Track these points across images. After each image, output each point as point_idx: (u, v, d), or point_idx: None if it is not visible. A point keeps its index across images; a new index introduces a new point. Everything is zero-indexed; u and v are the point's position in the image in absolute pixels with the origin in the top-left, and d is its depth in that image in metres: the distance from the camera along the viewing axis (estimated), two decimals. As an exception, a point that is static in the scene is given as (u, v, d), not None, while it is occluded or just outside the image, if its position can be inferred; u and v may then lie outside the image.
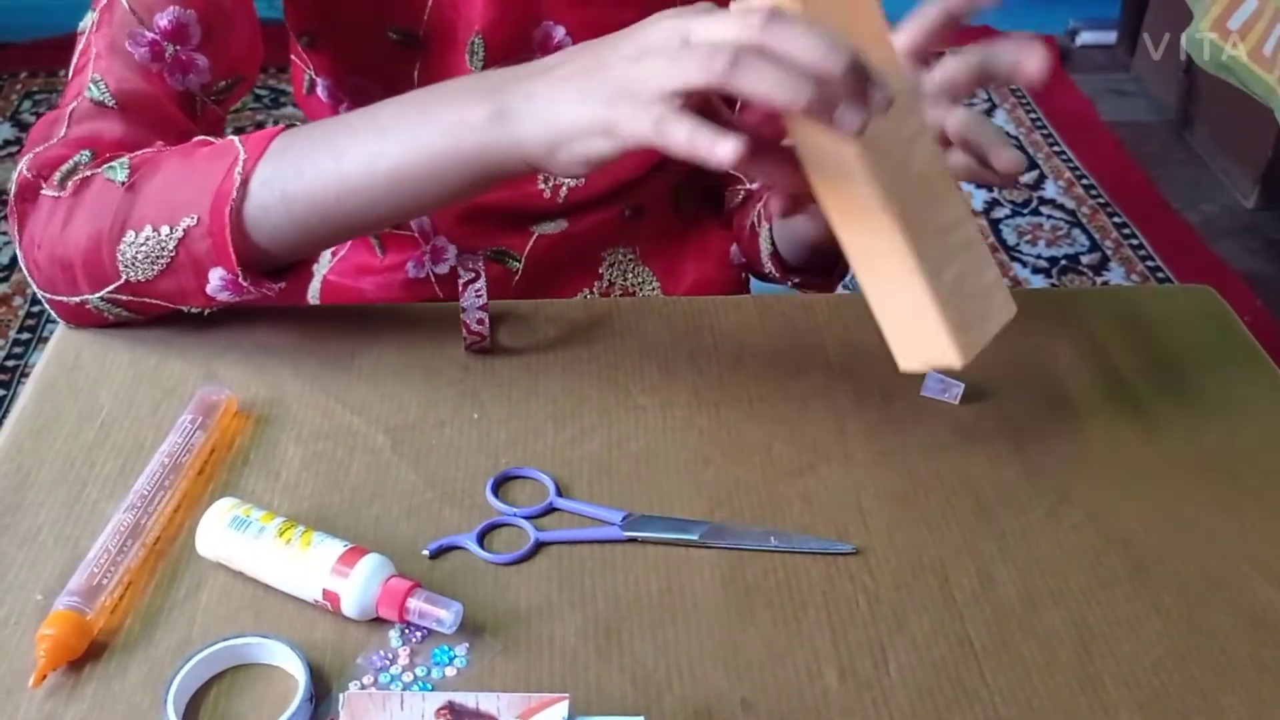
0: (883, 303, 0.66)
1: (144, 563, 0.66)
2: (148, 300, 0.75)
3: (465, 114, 0.63)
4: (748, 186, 0.99)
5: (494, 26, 0.84)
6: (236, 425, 0.75)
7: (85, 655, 0.61)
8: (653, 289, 1.00)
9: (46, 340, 0.82)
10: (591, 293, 0.98)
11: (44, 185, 0.73)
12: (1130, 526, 0.70)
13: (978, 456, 0.75)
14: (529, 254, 0.95)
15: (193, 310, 0.77)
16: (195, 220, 0.69)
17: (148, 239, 0.71)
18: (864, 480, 0.73)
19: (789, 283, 0.95)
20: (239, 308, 0.77)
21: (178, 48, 0.76)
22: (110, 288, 0.74)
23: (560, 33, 0.86)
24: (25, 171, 0.74)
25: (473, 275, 0.78)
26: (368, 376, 0.79)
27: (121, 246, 0.71)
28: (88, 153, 0.73)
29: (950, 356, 0.65)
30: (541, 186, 0.91)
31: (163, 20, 0.75)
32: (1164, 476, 0.74)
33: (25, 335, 1.99)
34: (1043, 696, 0.61)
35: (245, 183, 0.68)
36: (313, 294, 1.03)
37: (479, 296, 0.79)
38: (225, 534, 0.65)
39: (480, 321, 0.80)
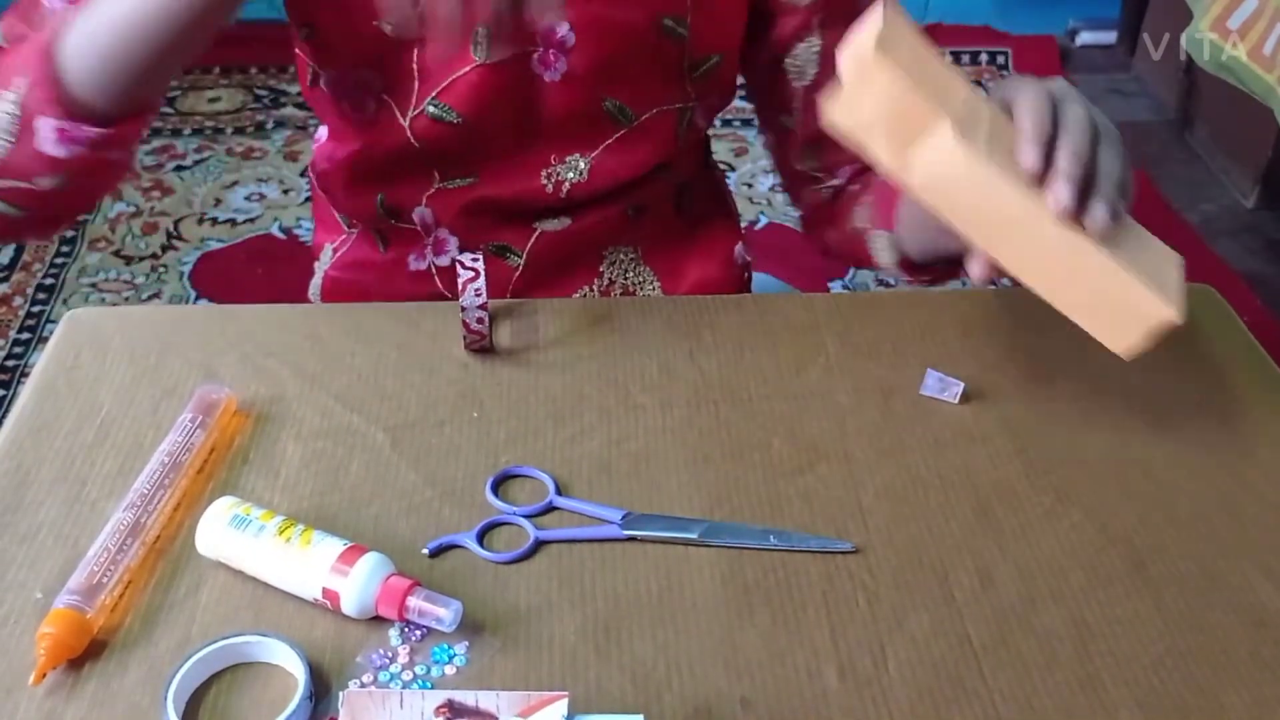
0: (1074, 299, 0.65)
1: (144, 561, 0.66)
2: (9, 183, 0.76)
3: None
4: (832, 184, 0.97)
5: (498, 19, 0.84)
6: (236, 424, 0.75)
7: (85, 654, 0.61)
8: (653, 288, 1.00)
9: (46, 340, 0.82)
10: (592, 291, 0.98)
11: None
12: (1130, 525, 0.70)
13: (977, 455, 0.75)
14: (530, 250, 0.95)
15: (40, 185, 0.76)
16: (26, 78, 0.73)
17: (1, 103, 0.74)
18: (863, 479, 0.73)
19: (919, 282, 0.94)
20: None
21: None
22: None
23: (564, 28, 0.86)
24: None
25: (472, 274, 0.78)
26: (367, 375, 0.79)
27: None
28: None
29: (1167, 313, 0.64)
30: (544, 182, 0.91)
31: None
32: (1163, 475, 0.74)
33: (25, 335, 1.99)
34: (1042, 695, 0.61)
35: (57, 33, 0.73)
36: (314, 290, 1.03)
37: (479, 295, 0.79)
38: (225, 533, 0.65)
39: (480, 320, 0.80)
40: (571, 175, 0.91)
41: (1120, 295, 0.64)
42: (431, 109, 0.86)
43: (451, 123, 0.87)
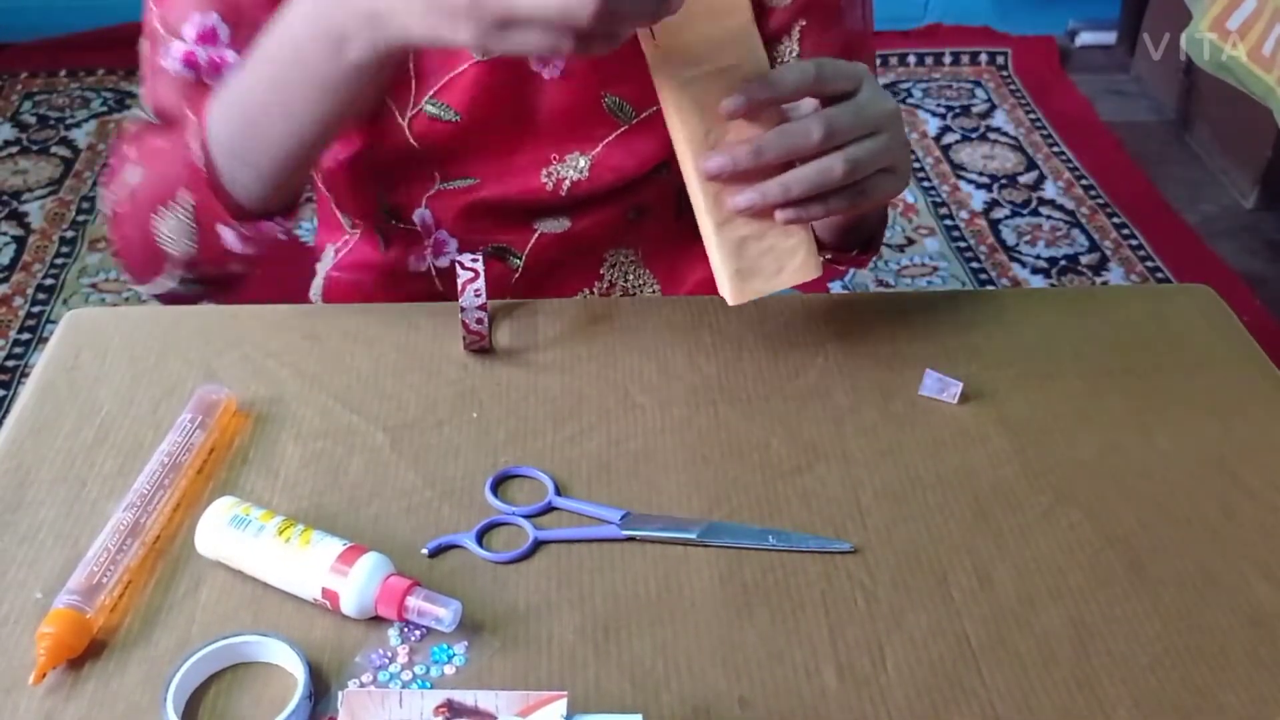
0: (706, 239, 0.77)
1: (143, 561, 0.66)
2: (203, 271, 0.83)
3: (348, 54, 0.69)
4: None
5: None
6: (236, 424, 0.75)
7: (85, 653, 0.61)
8: (654, 291, 1.00)
9: (46, 340, 0.82)
10: (592, 293, 0.98)
11: (108, 193, 0.84)
12: (1128, 525, 0.71)
13: (976, 456, 0.75)
14: (530, 252, 0.95)
15: (234, 269, 0.84)
16: (189, 192, 0.78)
17: (173, 214, 0.79)
18: (862, 479, 0.73)
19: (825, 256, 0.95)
20: (246, 297, 0.84)
21: (209, 50, 0.80)
22: (166, 274, 0.83)
23: None
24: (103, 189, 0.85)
25: (471, 275, 0.78)
26: (367, 375, 0.79)
27: (156, 225, 0.80)
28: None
29: (726, 294, 0.76)
30: (544, 180, 0.91)
31: (189, 30, 0.80)
32: (1162, 476, 0.74)
33: (25, 335, 1.99)
34: (1040, 695, 0.61)
35: (204, 149, 0.77)
36: (315, 291, 1.04)
37: (478, 296, 0.79)
38: (224, 533, 0.65)
39: (479, 321, 0.80)
40: (572, 174, 0.91)
41: (714, 260, 0.76)
42: (430, 108, 0.86)
43: (450, 121, 0.87)
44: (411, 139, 0.88)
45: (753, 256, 0.76)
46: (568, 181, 0.91)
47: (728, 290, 0.76)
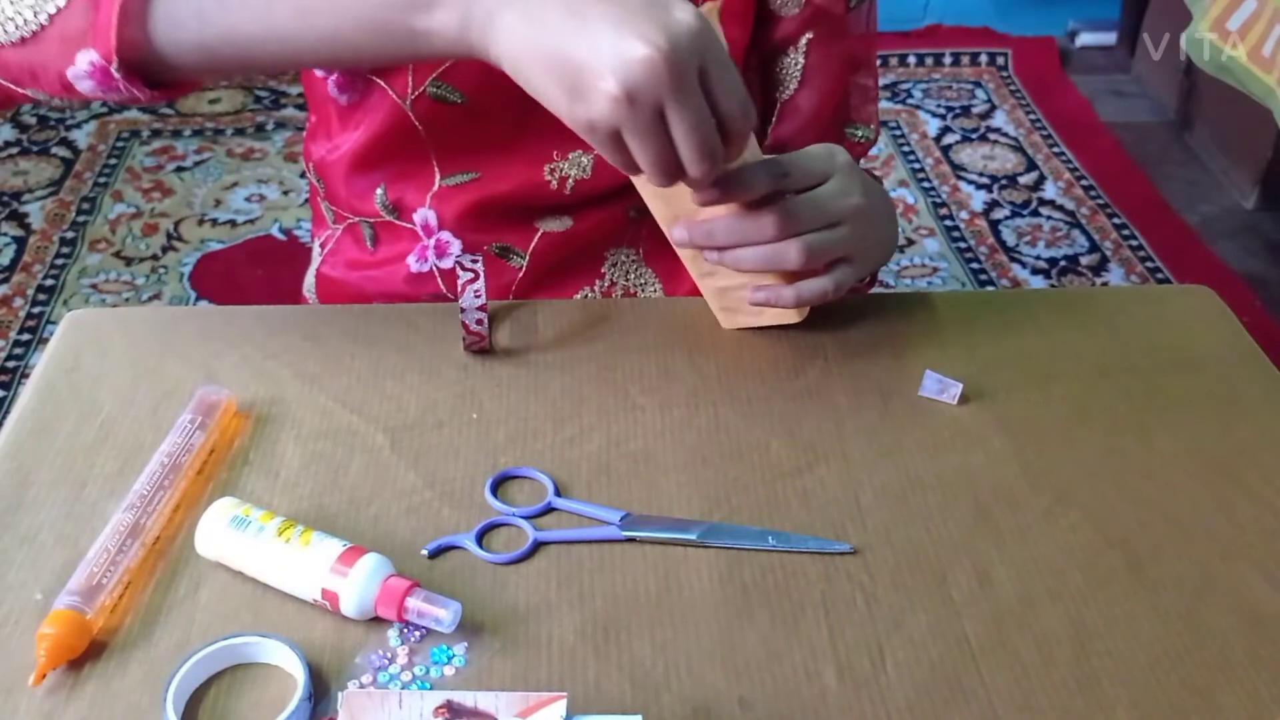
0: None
1: (143, 562, 0.66)
2: None
3: (419, 21, 0.63)
4: None
5: None
6: (236, 425, 0.75)
7: (85, 654, 0.61)
8: (655, 290, 1.00)
9: (47, 341, 0.82)
10: (593, 292, 0.98)
11: None
12: (1128, 526, 0.71)
13: (976, 456, 0.75)
14: (533, 251, 0.95)
15: (33, 95, 0.69)
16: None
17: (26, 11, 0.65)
18: (862, 480, 0.73)
19: None
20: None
21: None
22: None
23: None
24: None
25: (472, 275, 0.78)
26: (367, 377, 0.79)
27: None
28: None
29: (721, 319, 0.85)
30: (548, 177, 0.91)
31: None
32: (1161, 476, 0.74)
33: (25, 336, 1.99)
34: (1040, 695, 0.61)
35: None
36: (308, 287, 1.03)
37: (478, 297, 0.79)
38: (224, 533, 0.65)
39: (479, 322, 0.80)
40: (575, 171, 0.91)
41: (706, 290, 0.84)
42: (433, 89, 0.86)
43: (455, 104, 0.86)
44: (415, 122, 0.88)
45: (734, 300, 0.83)
46: (571, 180, 0.91)
47: (719, 319, 0.85)
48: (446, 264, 0.95)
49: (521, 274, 0.95)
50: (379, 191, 0.93)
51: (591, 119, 0.61)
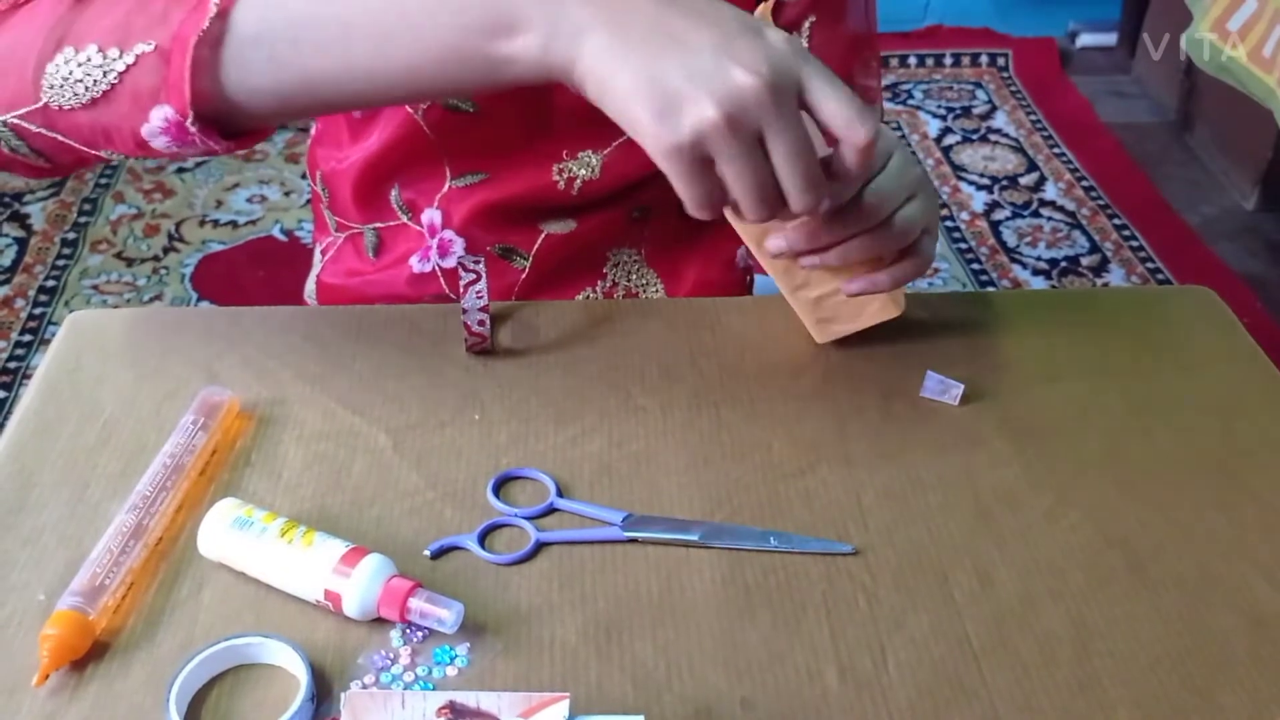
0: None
1: (146, 563, 0.66)
2: (58, 136, 0.65)
3: (501, 48, 0.60)
4: None
5: None
6: (238, 426, 0.75)
7: (88, 655, 0.61)
8: (656, 291, 1.00)
9: (49, 342, 0.82)
10: (595, 293, 0.98)
11: None
12: (1129, 526, 0.71)
13: (977, 457, 0.75)
14: (536, 253, 0.95)
15: (107, 156, 0.68)
16: (152, 47, 0.62)
17: (88, 59, 0.62)
18: (864, 480, 0.73)
19: None
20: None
21: None
22: (20, 111, 0.64)
23: None
24: None
25: (474, 276, 0.78)
26: (369, 377, 0.79)
27: (53, 65, 0.63)
28: None
29: (814, 335, 0.83)
30: (555, 178, 0.91)
31: None
32: (1162, 477, 0.74)
33: (27, 337, 1.99)
34: (1041, 695, 0.61)
35: (223, 16, 0.62)
36: (309, 292, 1.04)
37: (480, 298, 0.79)
38: (227, 534, 0.65)
39: (481, 323, 0.80)
40: (584, 172, 0.91)
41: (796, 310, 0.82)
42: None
43: (466, 112, 0.86)
44: (426, 129, 0.88)
45: (831, 307, 0.81)
46: (579, 181, 0.91)
47: (814, 333, 0.82)
48: (449, 263, 0.95)
49: (524, 275, 0.95)
50: (394, 193, 0.93)
51: (680, 143, 0.58)
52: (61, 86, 0.63)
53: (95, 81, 0.63)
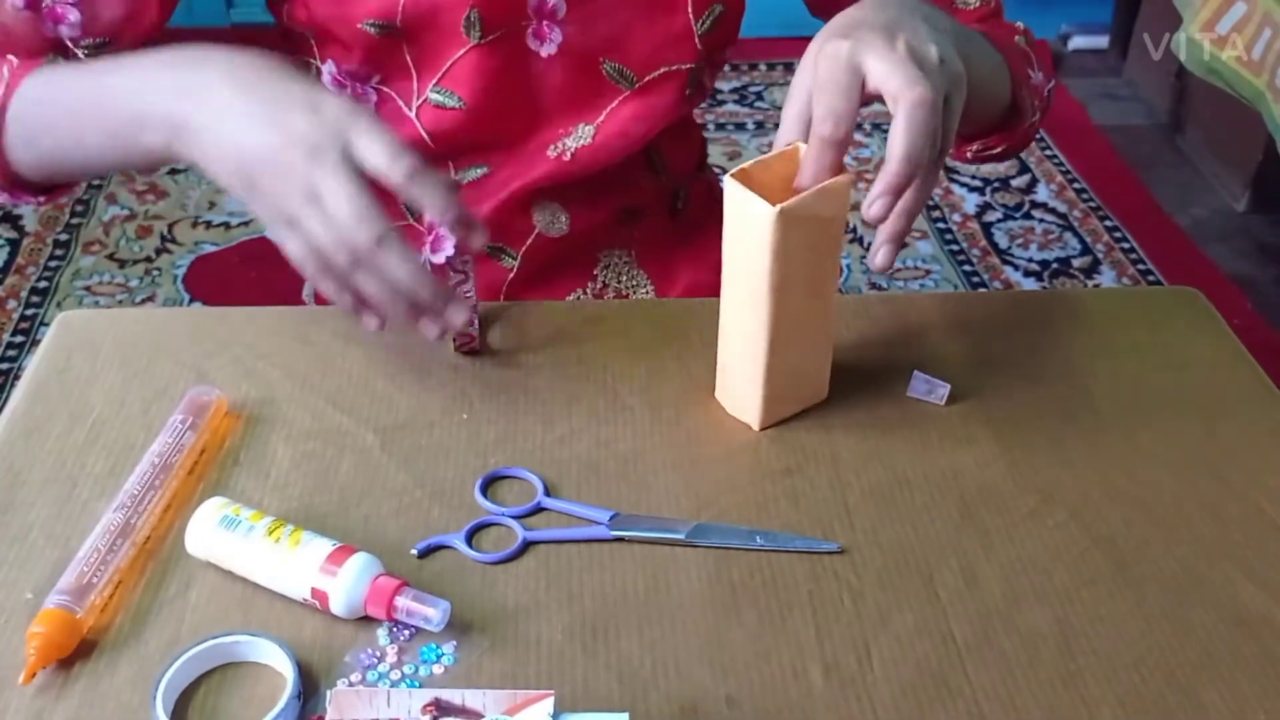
0: (727, 351, 0.77)
1: (134, 562, 0.66)
2: None
3: (143, 139, 0.72)
4: None
5: (487, 2, 0.85)
6: (227, 425, 0.75)
7: (75, 653, 0.61)
8: (647, 292, 1.01)
9: (39, 343, 0.83)
10: (585, 294, 0.99)
11: None
12: (1113, 525, 0.71)
13: (963, 457, 0.75)
14: (525, 252, 0.95)
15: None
16: None
17: None
18: (850, 480, 0.73)
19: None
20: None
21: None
22: None
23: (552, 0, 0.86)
24: None
25: (462, 277, 0.79)
26: (357, 377, 0.80)
27: None
28: None
29: (753, 421, 0.77)
30: (550, 154, 0.91)
31: None
32: (1147, 476, 0.75)
33: (19, 338, 1.99)
34: (1025, 693, 0.61)
35: (2, 109, 0.78)
36: (308, 291, 1.04)
37: (468, 298, 0.79)
38: (215, 533, 0.65)
39: (470, 323, 0.80)
40: (576, 144, 0.91)
41: (747, 383, 0.76)
42: (435, 96, 0.87)
43: (456, 108, 0.87)
44: (421, 130, 0.88)
45: (782, 384, 0.76)
46: (570, 151, 0.91)
47: (756, 417, 0.77)
48: (439, 259, 0.96)
49: (513, 274, 0.96)
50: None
51: (262, 214, 0.70)
52: None
53: None
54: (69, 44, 0.81)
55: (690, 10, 0.88)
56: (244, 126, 0.68)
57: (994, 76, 0.83)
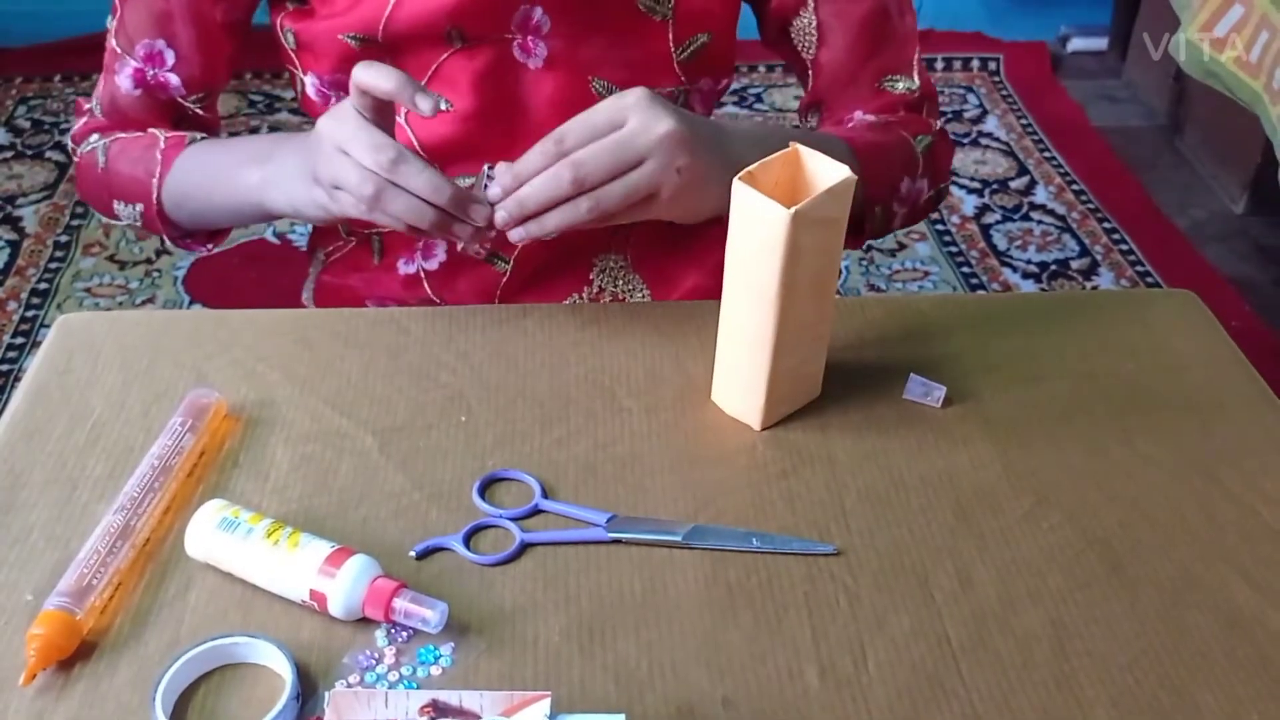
0: (729, 352, 0.77)
1: (133, 563, 0.67)
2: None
3: (250, 200, 0.88)
4: None
5: (470, 16, 0.85)
6: (226, 428, 0.76)
7: (75, 655, 0.62)
8: (643, 296, 1.01)
9: (40, 344, 0.83)
10: (581, 298, 0.99)
11: (75, 145, 1.01)
12: (1108, 527, 0.71)
13: (958, 459, 0.76)
14: (518, 257, 0.95)
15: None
16: (139, 207, 0.96)
17: (128, 209, 0.97)
18: (846, 482, 0.74)
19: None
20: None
21: (155, 71, 0.93)
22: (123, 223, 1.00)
23: (538, 13, 0.87)
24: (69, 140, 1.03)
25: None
26: (356, 379, 0.80)
27: (116, 206, 0.98)
28: (94, 136, 0.99)
29: (754, 421, 0.77)
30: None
31: (140, 50, 0.92)
32: (1142, 478, 0.75)
33: (19, 340, 1.99)
34: (1019, 694, 0.62)
35: (160, 189, 0.94)
36: (307, 294, 1.04)
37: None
38: (214, 535, 0.65)
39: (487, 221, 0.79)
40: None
41: (750, 384, 0.77)
42: None
43: (443, 111, 0.87)
44: (413, 137, 0.89)
45: (783, 385, 0.77)
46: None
47: (758, 418, 0.77)
48: (432, 265, 0.96)
49: (506, 278, 0.96)
50: None
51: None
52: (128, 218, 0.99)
53: (136, 218, 0.98)
54: (181, 100, 0.95)
55: (671, 38, 0.89)
56: (291, 167, 0.83)
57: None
